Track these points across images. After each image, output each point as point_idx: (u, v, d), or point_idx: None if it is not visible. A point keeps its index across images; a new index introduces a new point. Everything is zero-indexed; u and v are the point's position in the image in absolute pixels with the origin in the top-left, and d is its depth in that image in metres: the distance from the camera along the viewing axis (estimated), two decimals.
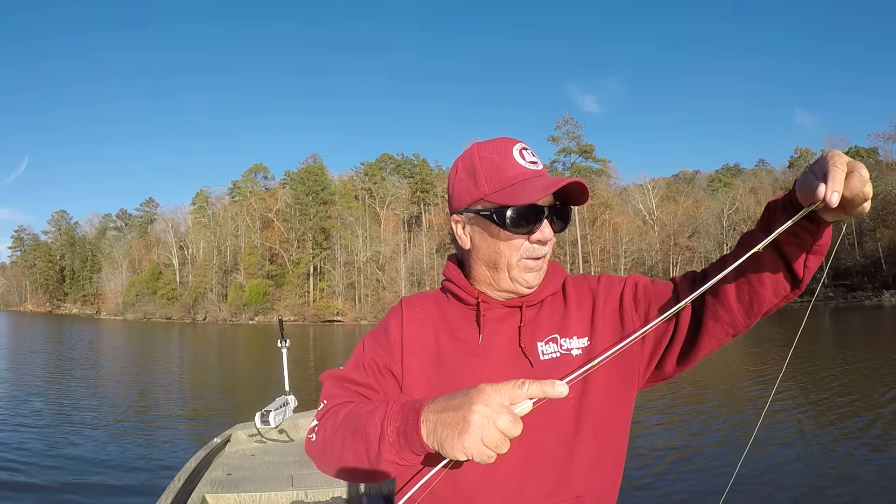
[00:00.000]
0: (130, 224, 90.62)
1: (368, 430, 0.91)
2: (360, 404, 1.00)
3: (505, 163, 1.05)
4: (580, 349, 1.06)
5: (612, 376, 1.05)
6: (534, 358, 1.05)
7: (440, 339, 1.11)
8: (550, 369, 1.03)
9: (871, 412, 8.76)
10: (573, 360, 1.04)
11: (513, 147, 1.06)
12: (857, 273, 51.80)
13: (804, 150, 62.10)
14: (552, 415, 1.00)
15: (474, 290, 1.12)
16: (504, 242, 1.05)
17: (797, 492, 5.58)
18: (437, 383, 1.07)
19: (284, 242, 66.09)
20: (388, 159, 72.67)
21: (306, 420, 4.06)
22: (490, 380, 0.86)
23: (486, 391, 0.79)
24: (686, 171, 78.44)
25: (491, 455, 0.77)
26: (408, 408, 0.88)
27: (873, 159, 53.43)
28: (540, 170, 1.06)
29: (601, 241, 58.66)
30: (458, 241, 1.14)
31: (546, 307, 1.12)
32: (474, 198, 1.07)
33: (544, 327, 1.08)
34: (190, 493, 2.78)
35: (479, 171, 1.06)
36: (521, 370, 1.04)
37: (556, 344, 1.06)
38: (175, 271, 72.86)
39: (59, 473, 6.68)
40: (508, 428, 0.76)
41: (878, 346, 18.27)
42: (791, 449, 7.01)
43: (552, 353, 1.05)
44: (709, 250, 56.82)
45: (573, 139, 60.03)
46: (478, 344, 1.08)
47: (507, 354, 1.06)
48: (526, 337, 1.07)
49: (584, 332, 1.08)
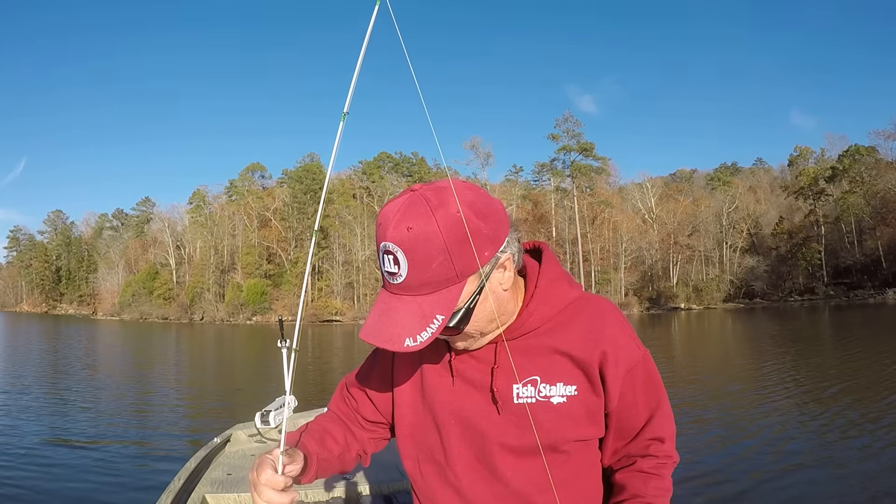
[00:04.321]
0: (127, 224, 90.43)
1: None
2: (312, 432, 1.14)
3: (378, 258, 0.93)
4: (564, 397, 0.97)
5: (573, 431, 1.00)
6: (506, 401, 0.99)
7: (424, 368, 1.09)
8: (523, 414, 0.97)
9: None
10: (551, 408, 0.97)
11: (379, 247, 0.90)
12: (857, 271, 51.97)
13: (804, 148, 62.27)
14: (519, 459, 1.00)
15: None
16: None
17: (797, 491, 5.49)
18: (425, 411, 1.09)
19: (282, 242, 65.97)
20: (386, 158, 72.61)
21: (307, 420, 3.98)
22: (467, 414, 1.02)
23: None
24: (683, 170, 78.71)
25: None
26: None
27: (873, 157, 53.53)
28: (397, 284, 0.89)
29: (601, 239, 58.70)
30: None
31: (534, 340, 1.01)
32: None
33: (525, 367, 0.99)
34: (190, 493, 2.74)
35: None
36: (490, 411, 1.00)
37: (534, 387, 0.98)
38: (172, 271, 72.68)
39: (58, 473, 6.58)
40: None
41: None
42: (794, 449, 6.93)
43: (527, 398, 0.98)
44: (709, 248, 56.98)
45: (573, 137, 60.05)
46: (451, 384, 1.05)
47: (480, 394, 1.02)
48: (499, 379, 1.00)
49: (573, 380, 0.98)
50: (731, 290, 55.64)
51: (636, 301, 53.76)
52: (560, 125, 60.47)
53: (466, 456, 1.03)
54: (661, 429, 1.03)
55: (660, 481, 1.01)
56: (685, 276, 57.16)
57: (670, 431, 1.04)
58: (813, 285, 54.06)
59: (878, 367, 12.67)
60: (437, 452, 1.06)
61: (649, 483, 1.01)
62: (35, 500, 5.80)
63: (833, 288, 51.94)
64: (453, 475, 1.04)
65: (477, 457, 1.02)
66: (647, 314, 49.61)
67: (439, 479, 1.06)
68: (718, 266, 57.58)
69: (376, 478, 2.92)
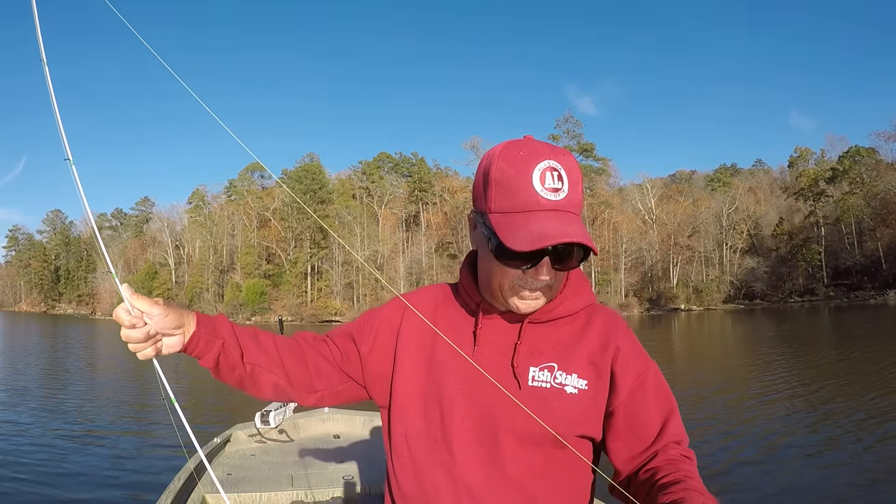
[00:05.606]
0: (126, 223, 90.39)
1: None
2: (249, 329, 1.11)
3: (519, 183, 0.92)
4: (576, 389, 0.99)
5: (581, 426, 0.99)
6: (522, 381, 0.99)
7: (437, 339, 1.07)
8: (536, 398, 0.98)
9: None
10: (564, 397, 0.98)
11: (535, 166, 0.92)
12: (857, 272, 51.95)
13: (804, 149, 62.28)
14: (522, 446, 0.99)
15: (477, 297, 1.06)
16: (497, 266, 0.97)
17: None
18: (430, 385, 1.05)
19: (282, 242, 65.88)
20: (385, 158, 72.53)
21: (306, 420, 4.11)
22: (476, 391, 1.01)
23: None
24: (683, 171, 78.67)
25: (128, 335, 0.97)
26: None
27: (873, 159, 53.54)
28: (559, 200, 0.92)
29: (601, 240, 58.66)
30: (470, 238, 1.09)
31: (557, 328, 1.04)
32: (481, 208, 0.99)
33: (545, 352, 1.02)
34: (190, 493, 2.74)
35: (491, 183, 0.95)
36: (508, 389, 0.99)
37: (550, 373, 0.99)
38: (171, 271, 72.63)
39: (57, 473, 6.53)
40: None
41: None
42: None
43: (542, 382, 0.99)
44: (709, 249, 56.95)
45: (573, 137, 59.99)
46: (471, 354, 1.03)
47: (498, 370, 1.01)
48: (521, 356, 1.01)
49: (586, 375, 1.00)
50: (731, 292, 55.64)
51: (636, 302, 53.74)
52: (560, 125, 60.46)
53: (468, 436, 1.00)
54: (679, 433, 0.99)
55: (693, 465, 0.96)
56: (685, 277, 57.15)
57: (686, 438, 1.00)
58: (813, 286, 54.04)
59: (878, 369, 12.67)
60: (435, 428, 1.03)
61: (690, 465, 0.95)
62: (34, 499, 5.76)
63: (833, 289, 51.92)
64: (448, 454, 1.01)
65: (479, 438, 1.00)
66: (647, 315, 49.61)
67: (430, 457, 1.03)
68: (718, 267, 57.59)
69: (376, 477, 2.93)
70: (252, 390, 1.11)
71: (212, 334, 1.03)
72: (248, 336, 1.08)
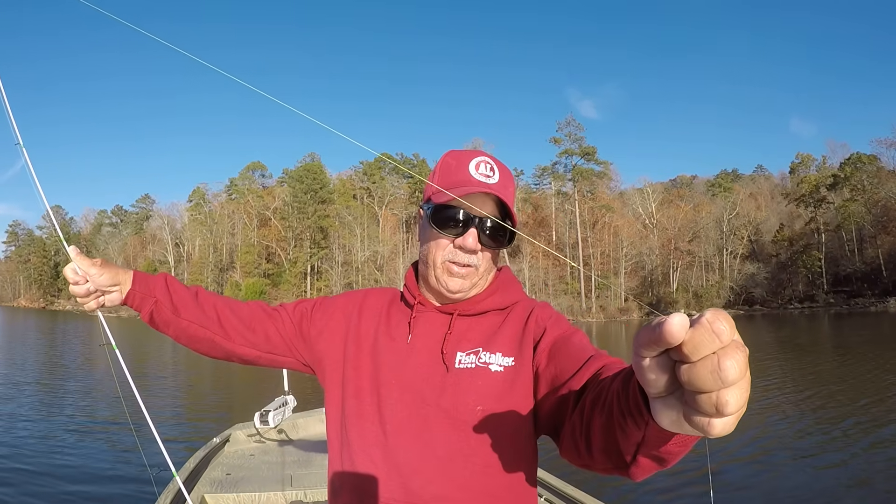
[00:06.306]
0: (126, 220, 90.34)
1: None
2: (193, 288, 1.27)
3: (458, 169, 1.10)
4: (501, 366, 1.05)
5: (507, 399, 1.02)
6: (450, 364, 1.08)
7: (378, 333, 1.17)
8: (462, 378, 1.06)
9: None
10: (489, 375, 1.05)
11: (473, 158, 1.12)
12: (857, 279, 51.92)
13: (805, 155, 62.33)
14: (453, 426, 1.03)
15: (417, 295, 1.18)
16: (433, 241, 1.11)
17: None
18: (371, 372, 1.14)
19: (282, 241, 65.87)
20: (386, 159, 72.54)
21: (306, 420, 4.13)
22: (409, 376, 1.09)
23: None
24: (684, 176, 78.64)
25: (73, 290, 1.18)
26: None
27: (875, 166, 53.54)
28: (491, 184, 1.08)
29: (602, 244, 58.67)
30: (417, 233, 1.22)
31: (485, 320, 1.13)
32: (426, 196, 1.15)
33: (472, 340, 1.11)
34: (189, 493, 2.76)
35: (434, 174, 1.14)
36: (437, 373, 1.08)
37: (475, 356, 1.08)
38: (171, 268, 72.52)
39: (55, 473, 6.51)
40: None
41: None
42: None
43: (468, 364, 1.07)
44: (709, 254, 56.93)
45: (575, 141, 60.08)
46: (406, 343, 1.13)
47: (428, 356, 1.10)
48: (449, 344, 1.10)
49: (511, 352, 1.07)
50: (731, 297, 55.56)
51: (636, 306, 53.70)
52: (562, 129, 60.56)
53: (400, 417, 1.07)
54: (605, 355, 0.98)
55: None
56: (685, 282, 57.12)
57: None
58: (813, 293, 53.99)
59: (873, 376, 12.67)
60: (371, 411, 1.11)
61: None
62: (34, 493, 5.76)
63: (833, 296, 51.87)
64: (382, 434, 1.08)
65: (410, 417, 1.07)
66: (646, 320, 49.56)
67: (367, 439, 1.10)
68: (718, 272, 57.55)
69: None
70: (187, 343, 1.27)
71: (146, 293, 1.19)
72: (188, 295, 1.22)
